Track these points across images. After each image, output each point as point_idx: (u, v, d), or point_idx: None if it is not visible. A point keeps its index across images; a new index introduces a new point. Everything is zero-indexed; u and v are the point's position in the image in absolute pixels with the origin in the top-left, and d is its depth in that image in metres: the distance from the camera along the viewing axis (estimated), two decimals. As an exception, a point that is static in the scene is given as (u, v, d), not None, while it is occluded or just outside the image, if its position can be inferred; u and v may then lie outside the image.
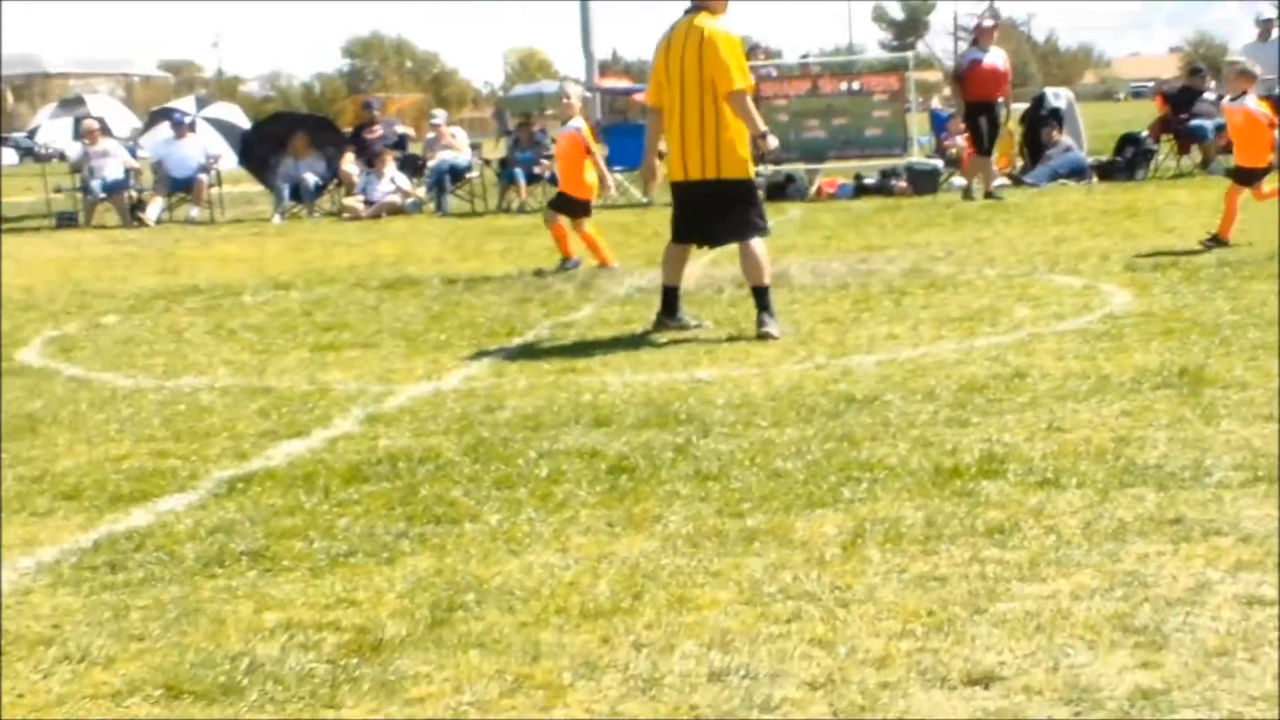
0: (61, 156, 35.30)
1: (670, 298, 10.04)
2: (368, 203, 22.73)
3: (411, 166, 24.11)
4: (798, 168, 22.46)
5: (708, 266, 12.92)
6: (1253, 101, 13.39)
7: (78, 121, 27.80)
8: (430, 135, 25.10)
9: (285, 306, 12.19)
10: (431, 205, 23.31)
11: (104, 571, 5.25)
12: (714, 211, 9.80)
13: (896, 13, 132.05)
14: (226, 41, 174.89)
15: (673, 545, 5.23)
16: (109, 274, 15.68)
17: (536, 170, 22.69)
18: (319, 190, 23.91)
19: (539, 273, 13.48)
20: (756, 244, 9.81)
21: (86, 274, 15.81)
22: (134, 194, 24.08)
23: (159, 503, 6.14)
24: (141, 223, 23.00)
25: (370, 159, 23.67)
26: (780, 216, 18.91)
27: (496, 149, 29.73)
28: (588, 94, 17.87)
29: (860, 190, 21.93)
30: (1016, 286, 11.23)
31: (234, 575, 5.14)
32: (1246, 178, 13.27)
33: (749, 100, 9.73)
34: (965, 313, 10.04)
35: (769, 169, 20.29)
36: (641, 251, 13.66)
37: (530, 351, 9.42)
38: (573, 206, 13.79)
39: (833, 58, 47.11)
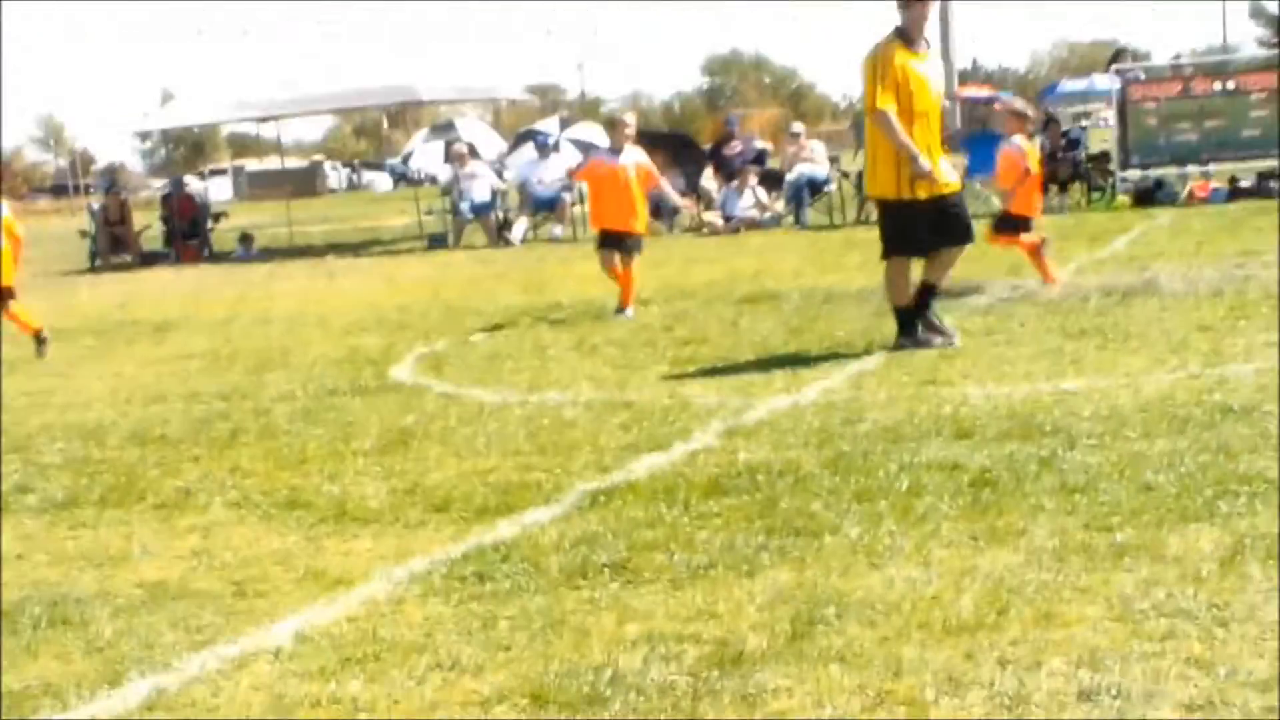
0: (432, 180, 36.77)
1: (904, 317, 9.93)
2: (726, 218, 22.90)
3: (770, 181, 24.18)
4: (1168, 172, 21.64)
5: (1073, 275, 12.53)
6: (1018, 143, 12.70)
7: (448, 146, 28.84)
8: (789, 149, 25.14)
9: (645, 322, 12.35)
10: (790, 219, 23.33)
11: (472, 582, 5.38)
12: (904, 224, 9.81)
13: (1275, 8, 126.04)
14: (590, 64, 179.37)
15: (1038, 560, 5.06)
16: (477, 292, 16.21)
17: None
18: (678, 207, 24.18)
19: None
20: (897, 264, 9.87)
21: (455, 293, 16.38)
22: (500, 214, 24.87)
23: (524, 515, 6.27)
24: (507, 242, 23.73)
25: (730, 175, 23.85)
26: (1149, 222, 18.26)
27: (854, 162, 29.52)
28: (947, 103, 17.59)
29: (1235, 194, 20.96)
30: None
31: (597, 587, 5.20)
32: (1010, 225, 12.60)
33: (890, 121, 9.53)
34: (1355, 318, 9.44)
35: (1135, 174, 19.64)
36: (1003, 262, 13.32)
37: (889, 364, 9.28)
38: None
39: (1205, 57, 45.18)
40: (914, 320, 9.83)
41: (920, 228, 9.69)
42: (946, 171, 9.80)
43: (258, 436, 8.49)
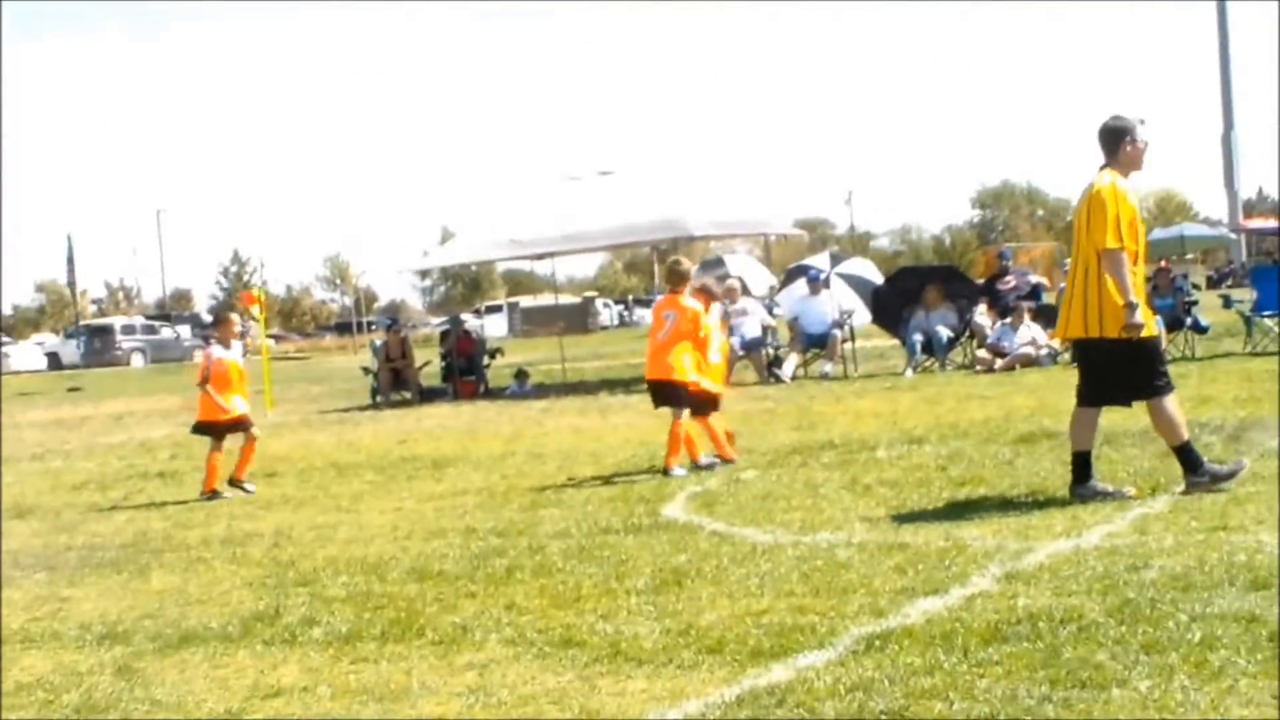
0: (703, 317, 37.07)
1: (1079, 463, 9.61)
2: (1001, 354, 22.55)
3: (1045, 316, 23.74)
4: None
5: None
6: None
7: (719, 281, 29.07)
8: (1063, 284, 24.68)
9: (919, 461, 12.17)
10: (1066, 356, 22.84)
11: (746, 726, 5.31)
12: (1111, 371, 9.52)
13: None
14: (858, 197, 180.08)
15: (1348, 723, 4.76)
16: (748, 429, 16.19)
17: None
18: (951, 343, 23.95)
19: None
20: (1162, 402, 9.38)
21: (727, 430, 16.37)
22: (771, 350, 24.92)
23: (798, 658, 6.18)
24: (777, 379, 23.74)
25: (1003, 310, 23.51)
26: None
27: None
28: (1232, 235, 16.82)
29: None
30: None
31: (873, 736, 5.07)
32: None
33: (1123, 262, 9.23)
34: None
35: None
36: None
37: (1176, 507, 8.93)
38: None
39: None
40: (1088, 467, 9.60)
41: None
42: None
43: (533, 573, 8.59)
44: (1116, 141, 9.55)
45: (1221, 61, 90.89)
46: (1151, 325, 9.49)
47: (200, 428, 14.39)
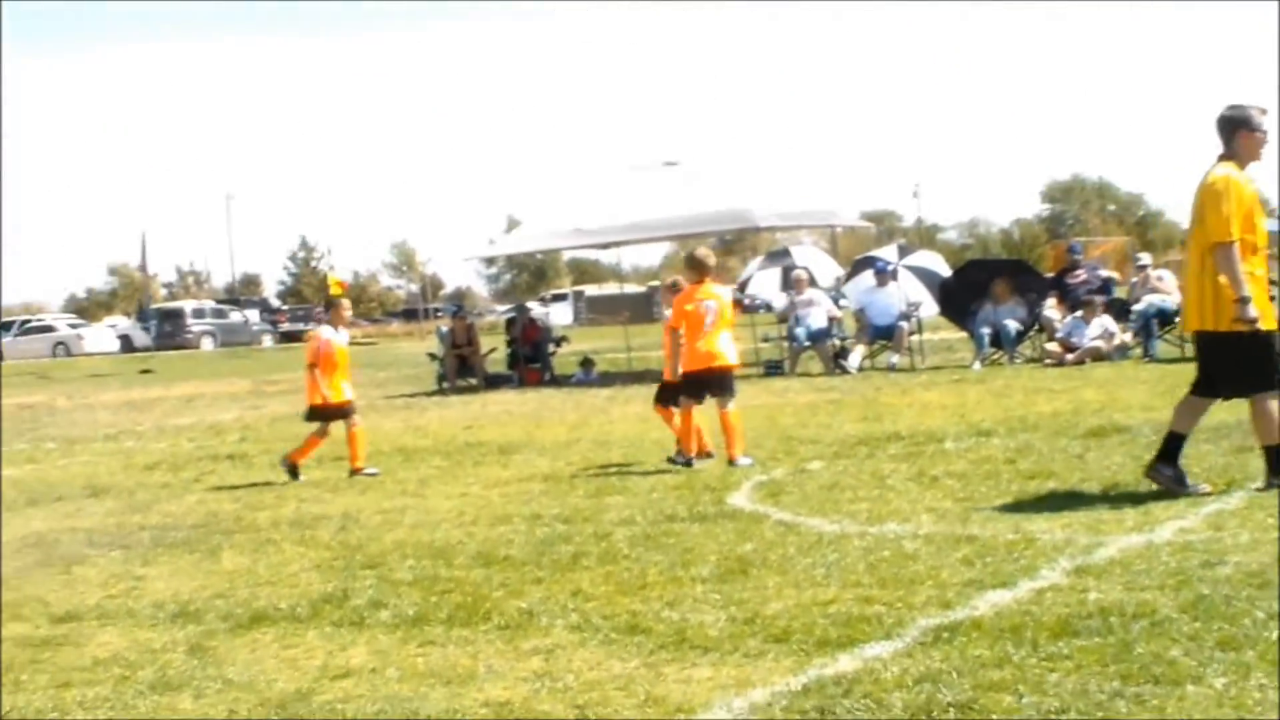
0: (768, 307, 37.04)
1: (1171, 444, 9.52)
2: (1070, 348, 22.38)
3: (1116, 311, 23.55)
4: None
5: None
6: None
7: (785, 272, 28.98)
8: (1134, 279, 24.47)
9: (987, 454, 12.09)
10: (1138, 350, 22.66)
11: (813, 716, 5.30)
12: (1218, 363, 9.42)
13: None
14: (926, 190, 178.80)
15: None
16: (814, 420, 16.16)
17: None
18: (1020, 336, 23.80)
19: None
20: (1266, 400, 9.18)
21: (792, 420, 16.37)
22: (837, 342, 24.84)
23: (865, 648, 6.16)
24: (843, 370, 23.66)
25: (1073, 304, 23.33)
26: None
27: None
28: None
29: None
30: None
31: (942, 728, 5.05)
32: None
33: (1234, 256, 9.05)
34: None
35: None
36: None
37: (1252, 504, 8.81)
38: None
39: None
40: (1178, 450, 9.52)
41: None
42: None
43: (599, 560, 8.60)
44: (1233, 131, 9.36)
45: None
46: (1271, 319, 9.23)
47: (314, 413, 14.30)
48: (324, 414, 14.20)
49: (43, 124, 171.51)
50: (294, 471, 13.93)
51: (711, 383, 13.20)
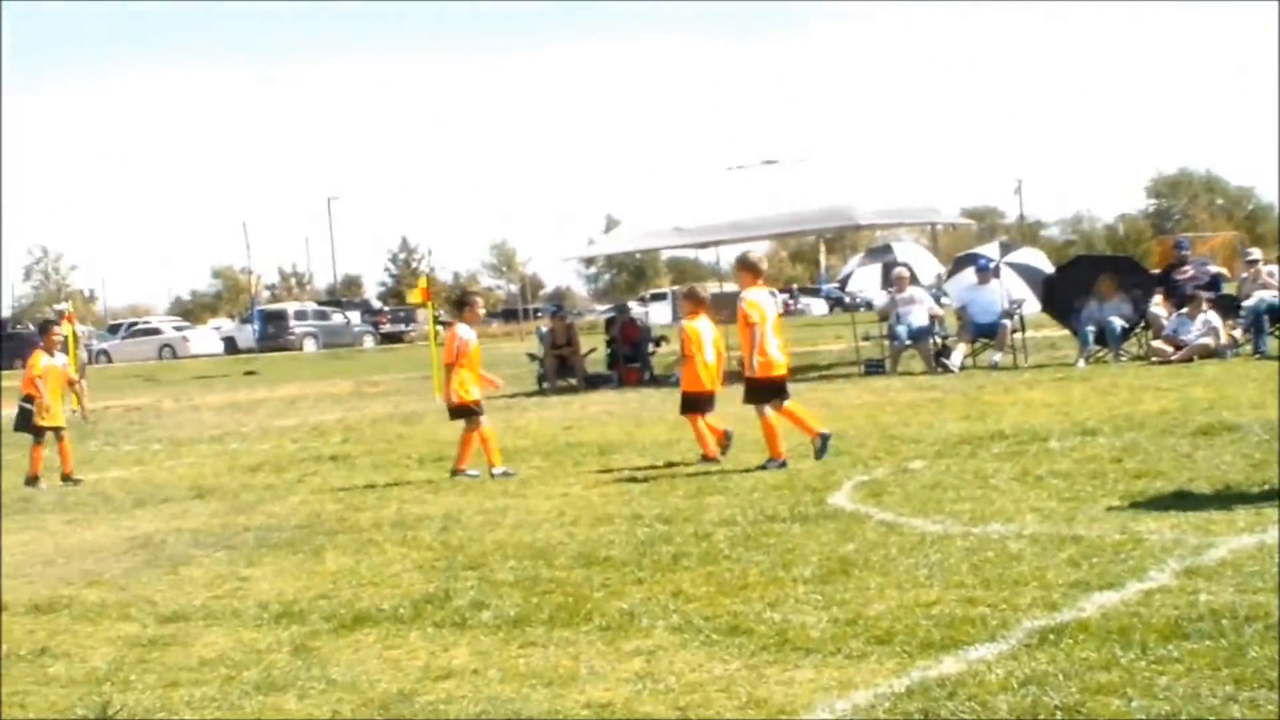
0: (869, 305, 36.77)
1: None
2: (1177, 345, 22.03)
3: (1225, 307, 23.13)
4: None
5: None
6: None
7: (886, 269, 28.71)
8: (1244, 274, 24.04)
9: (1093, 453, 11.93)
10: (1248, 347, 22.26)
11: (917, 718, 5.24)
12: None
13: None
14: (1028, 186, 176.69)
15: None
16: (915, 419, 16.02)
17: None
18: (1125, 334, 23.46)
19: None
20: None
21: (893, 419, 16.24)
22: (938, 340, 24.62)
23: (969, 650, 6.09)
24: (945, 368, 23.44)
25: (1180, 300, 22.96)
26: None
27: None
28: None
29: None
30: None
31: (1049, 732, 4.97)
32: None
33: None
34: None
35: None
36: None
37: (1366, 503, 8.64)
38: None
39: None
40: None
41: None
42: None
43: (699, 561, 8.58)
44: None
45: None
46: None
47: (458, 412, 14.27)
48: (467, 412, 14.19)
49: (149, 128, 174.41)
50: (497, 474, 13.83)
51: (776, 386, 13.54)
